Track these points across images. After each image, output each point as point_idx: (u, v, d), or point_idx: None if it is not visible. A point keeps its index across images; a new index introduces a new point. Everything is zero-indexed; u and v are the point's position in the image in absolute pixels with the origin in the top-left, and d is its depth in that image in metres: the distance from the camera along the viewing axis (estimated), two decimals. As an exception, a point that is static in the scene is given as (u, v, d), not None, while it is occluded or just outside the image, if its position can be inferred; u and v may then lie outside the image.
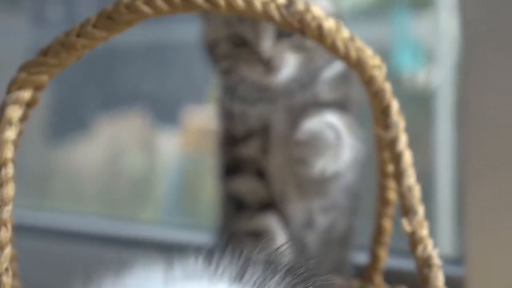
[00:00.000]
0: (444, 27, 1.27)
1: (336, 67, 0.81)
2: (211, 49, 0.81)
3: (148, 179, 1.72)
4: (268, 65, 0.77)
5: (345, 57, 0.59)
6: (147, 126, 1.66)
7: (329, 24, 0.58)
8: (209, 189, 1.00)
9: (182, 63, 1.56)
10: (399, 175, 0.59)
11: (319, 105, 0.80)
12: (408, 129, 0.62)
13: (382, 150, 0.67)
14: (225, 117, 0.84)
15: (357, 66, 0.59)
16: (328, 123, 0.78)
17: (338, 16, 0.79)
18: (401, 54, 1.39)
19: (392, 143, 0.60)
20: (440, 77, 1.30)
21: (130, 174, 1.71)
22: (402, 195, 0.59)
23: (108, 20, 0.57)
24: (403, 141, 0.60)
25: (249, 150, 0.82)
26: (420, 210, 0.59)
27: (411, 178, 0.59)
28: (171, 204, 1.68)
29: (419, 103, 1.38)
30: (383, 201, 0.70)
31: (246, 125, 0.82)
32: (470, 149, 0.87)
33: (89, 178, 1.71)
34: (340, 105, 0.81)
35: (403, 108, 0.64)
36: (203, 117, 1.45)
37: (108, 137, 1.68)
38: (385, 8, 1.44)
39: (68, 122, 1.68)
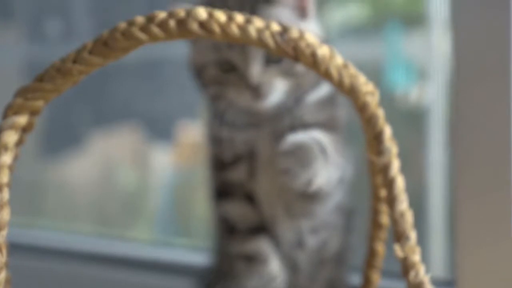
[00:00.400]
0: (436, 45, 1.28)
1: (321, 91, 0.81)
2: (198, 73, 0.81)
3: (141, 193, 1.72)
4: (257, 91, 0.77)
5: (339, 84, 0.59)
6: (140, 141, 1.66)
7: (323, 51, 0.59)
8: (203, 204, 1.01)
9: (175, 79, 1.57)
10: (391, 201, 0.60)
11: (304, 126, 0.80)
12: (400, 147, 0.63)
13: (374, 175, 0.67)
14: (213, 141, 0.84)
15: (350, 92, 0.60)
16: (312, 137, 0.78)
17: (327, 40, 0.80)
18: (393, 72, 1.40)
19: (385, 169, 0.60)
20: (432, 95, 1.30)
21: (123, 189, 1.71)
22: (395, 220, 0.60)
23: (104, 47, 0.58)
24: (395, 167, 0.60)
25: (237, 174, 0.82)
26: (413, 235, 0.60)
27: (403, 204, 0.60)
28: (164, 219, 1.68)
29: (412, 121, 1.39)
30: (375, 225, 0.71)
31: (234, 150, 0.82)
32: (462, 168, 0.87)
33: (82, 194, 1.71)
34: (326, 126, 0.81)
35: (396, 126, 0.64)
36: (197, 132, 1.45)
37: (101, 152, 1.68)
38: (378, 26, 1.44)
39: (61, 138, 1.68)
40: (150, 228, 1.68)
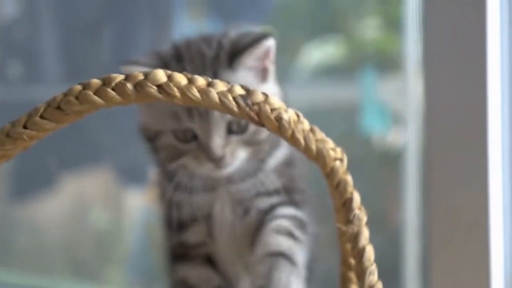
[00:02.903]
0: (411, 88, 1.28)
1: (280, 154, 0.79)
2: (152, 138, 0.78)
3: (114, 235, 1.69)
4: (218, 163, 0.75)
5: (305, 150, 0.57)
6: (113, 183, 1.63)
7: (289, 115, 0.56)
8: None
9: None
10: (361, 273, 0.57)
11: (267, 194, 0.78)
12: (375, 188, 0.60)
13: (343, 242, 0.64)
14: (166, 203, 0.80)
15: (317, 158, 0.57)
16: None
17: (286, 100, 0.78)
18: (369, 115, 1.39)
19: (354, 239, 0.58)
20: (407, 138, 1.29)
21: (96, 230, 1.68)
22: (365, 293, 0.57)
23: (57, 111, 0.55)
24: (365, 237, 0.58)
25: (195, 236, 0.79)
26: (383, 308, 0.57)
27: (373, 276, 0.57)
28: (138, 259, 1.65)
29: (387, 163, 1.37)
30: (345, 293, 0.68)
31: (189, 212, 0.79)
32: (435, 216, 0.87)
33: (53, 236, 1.68)
34: (287, 189, 0.79)
35: (372, 169, 0.62)
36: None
37: (74, 194, 1.65)
38: (353, 68, 1.44)
39: (33, 180, 1.65)
40: (123, 270, 1.65)
